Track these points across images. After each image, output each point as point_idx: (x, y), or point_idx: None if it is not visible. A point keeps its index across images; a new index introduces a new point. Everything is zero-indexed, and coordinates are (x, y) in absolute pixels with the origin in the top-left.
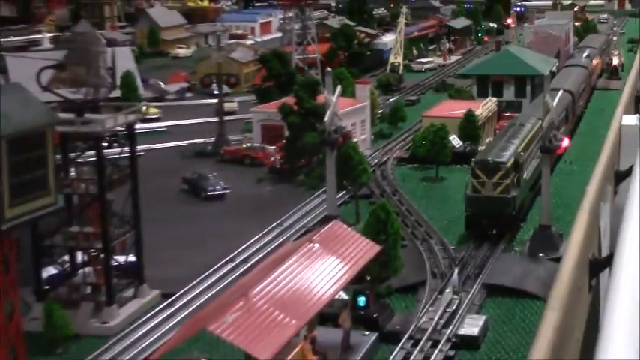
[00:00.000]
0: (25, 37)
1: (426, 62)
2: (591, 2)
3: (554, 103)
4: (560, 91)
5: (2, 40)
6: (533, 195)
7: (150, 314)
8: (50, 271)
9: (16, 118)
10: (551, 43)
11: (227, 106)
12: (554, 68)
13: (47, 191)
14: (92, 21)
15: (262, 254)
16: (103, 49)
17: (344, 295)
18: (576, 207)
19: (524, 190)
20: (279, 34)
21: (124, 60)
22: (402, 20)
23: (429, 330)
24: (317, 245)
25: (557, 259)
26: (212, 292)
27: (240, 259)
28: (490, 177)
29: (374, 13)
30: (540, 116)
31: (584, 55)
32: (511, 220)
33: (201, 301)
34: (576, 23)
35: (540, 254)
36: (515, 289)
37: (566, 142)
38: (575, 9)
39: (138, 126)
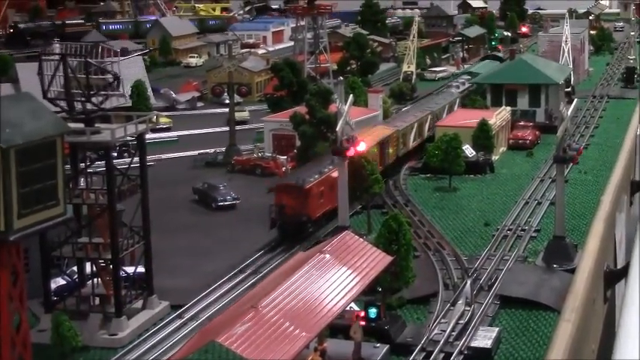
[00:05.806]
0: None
1: (440, 71)
2: (607, 10)
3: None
4: None
5: (14, 51)
6: None
7: (159, 326)
8: (59, 282)
9: (25, 128)
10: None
11: (238, 115)
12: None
13: (56, 201)
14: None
15: (273, 265)
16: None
17: (355, 307)
18: (591, 217)
19: None
20: (292, 43)
21: (136, 69)
22: (414, 28)
23: (441, 342)
24: (328, 256)
25: (572, 271)
26: (222, 304)
27: (251, 270)
28: None
29: (387, 21)
30: None
31: None
32: None
33: (211, 312)
34: (592, 32)
35: (554, 265)
36: (529, 300)
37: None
38: (591, 17)
39: (148, 135)
